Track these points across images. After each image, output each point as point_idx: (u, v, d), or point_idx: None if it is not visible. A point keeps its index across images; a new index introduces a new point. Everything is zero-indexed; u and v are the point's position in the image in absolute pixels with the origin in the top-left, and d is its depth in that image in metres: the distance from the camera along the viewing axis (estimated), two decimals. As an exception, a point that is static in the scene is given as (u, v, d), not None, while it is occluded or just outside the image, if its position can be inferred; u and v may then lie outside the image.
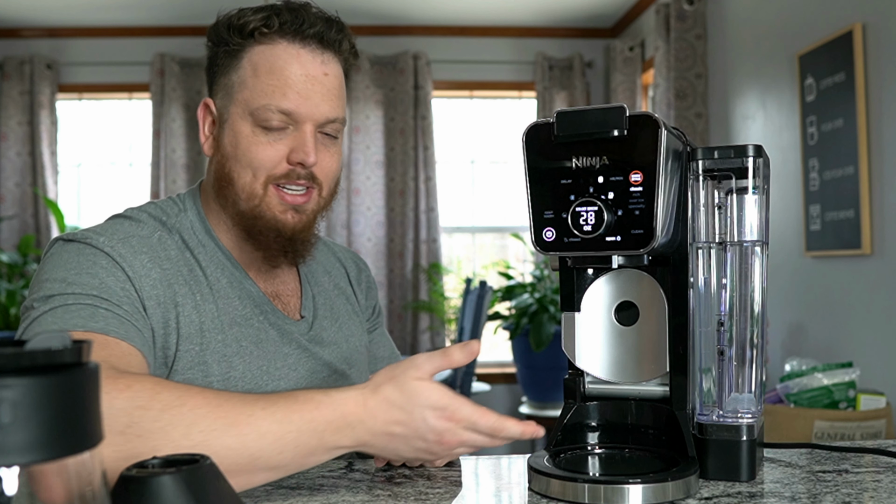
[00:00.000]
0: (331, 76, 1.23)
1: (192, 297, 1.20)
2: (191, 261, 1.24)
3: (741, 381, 1.07)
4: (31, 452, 0.42)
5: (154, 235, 1.23)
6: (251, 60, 1.21)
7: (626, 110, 0.98)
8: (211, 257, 1.26)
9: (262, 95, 1.19)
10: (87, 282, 1.10)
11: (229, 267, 1.27)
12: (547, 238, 1.02)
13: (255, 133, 1.20)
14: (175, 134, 5.56)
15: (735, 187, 1.07)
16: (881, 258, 2.99)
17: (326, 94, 1.22)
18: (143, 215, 1.26)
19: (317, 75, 1.21)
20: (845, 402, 2.66)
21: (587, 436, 1.15)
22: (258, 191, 1.21)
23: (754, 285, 1.07)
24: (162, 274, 1.18)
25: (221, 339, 1.21)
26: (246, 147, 1.20)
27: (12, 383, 0.42)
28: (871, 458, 1.17)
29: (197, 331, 1.19)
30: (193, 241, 1.26)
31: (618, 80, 5.45)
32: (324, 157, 1.24)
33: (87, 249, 1.15)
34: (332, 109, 1.23)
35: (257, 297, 1.28)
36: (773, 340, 3.67)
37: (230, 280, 1.26)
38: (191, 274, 1.22)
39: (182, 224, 1.27)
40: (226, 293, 1.24)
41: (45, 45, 5.62)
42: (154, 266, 1.18)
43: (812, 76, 3.36)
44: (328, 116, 1.22)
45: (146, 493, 0.69)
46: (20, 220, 5.51)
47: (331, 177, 1.27)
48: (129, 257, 1.15)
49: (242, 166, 1.21)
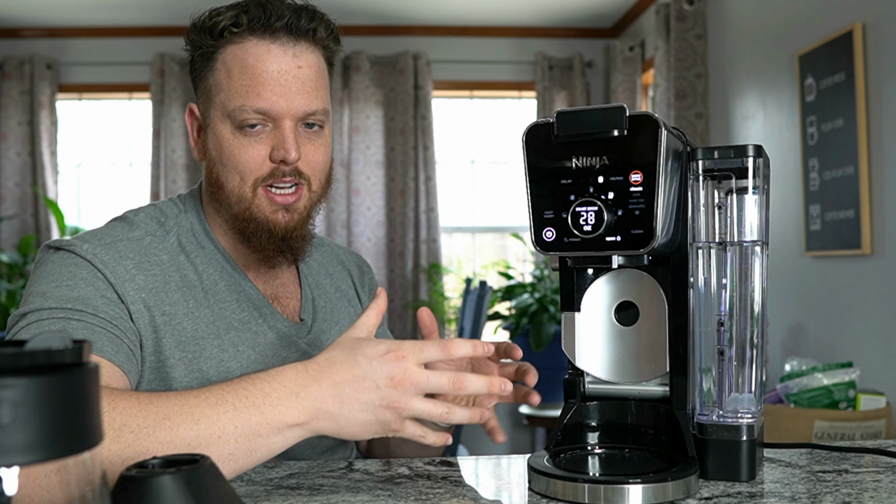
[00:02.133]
0: (305, 68, 1.20)
1: (184, 304, 1.19)
2: (185, 265, 1.23)
3: (741, 381, 1.07)
4: (32, 452, 0.42)
5: (145, 239, 1.22)
6: (224, 61, 1.20)
7: (626, 110, 0.98)
8: (209, 259, 1.25)
9: (236, 96, 1.18)
10: (64, 294, 1.10)
11: (228, 269, 1.26)
12: (547, 238, 1.02)
13: (235, 136, 1.19)
14: (175, 134, 5.56)
15: (735, 187, 1.07)
16: (881, 258, 2.99)
17: (301, 87, 1.20)
18: (140, 217, 1.26)
19: (289, 69, 1.19)
20: (845, 402, 2.66)
21: (587, 436, 1.15)
22: (247, 194, 1.20)
23: (754, 285, 1.07)
24: (148, 280, 1.17)
25: (217, 344, 1.20)
26: (229, 151, 1.20)
27: (12, 383, 0.42)
28: (871, 458, 1.17)
29: (190, 338, 1.18)
30: (192, 243, 1.25)
31: (618, 80, 5.45)
32: (308, 150, 1.22)
33: (69, 259, 1.15)
34: (308, 102, 1.20)
35: (256, 299, 1.27)
36: (773, 340, 3.67)
37: (228, 283, 1.25)
38: (183, 280, 1.21)
39: (181, 225, 1.26)
40: (223, 297, 1.24)
41: (45, 45, 5.62)
42: (139, 272, 1.17)
43: (812, 76, 3.36)
44: (306, 110, 1.20)
45: (146, 493, 0.69)
46: (20, 219, 5.51)
47: (318, 170, 1.25)
48: (111, 263, 1.15)
49: (229, 170, 1.21)
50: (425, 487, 1.04)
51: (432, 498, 0.99)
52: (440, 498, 0.99)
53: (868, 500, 0.95)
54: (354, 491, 1.02)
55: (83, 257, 1.14)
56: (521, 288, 4.86)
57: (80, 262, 1.14)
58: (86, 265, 1.14)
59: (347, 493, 1.02)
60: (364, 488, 1.03)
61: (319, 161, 1.25)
